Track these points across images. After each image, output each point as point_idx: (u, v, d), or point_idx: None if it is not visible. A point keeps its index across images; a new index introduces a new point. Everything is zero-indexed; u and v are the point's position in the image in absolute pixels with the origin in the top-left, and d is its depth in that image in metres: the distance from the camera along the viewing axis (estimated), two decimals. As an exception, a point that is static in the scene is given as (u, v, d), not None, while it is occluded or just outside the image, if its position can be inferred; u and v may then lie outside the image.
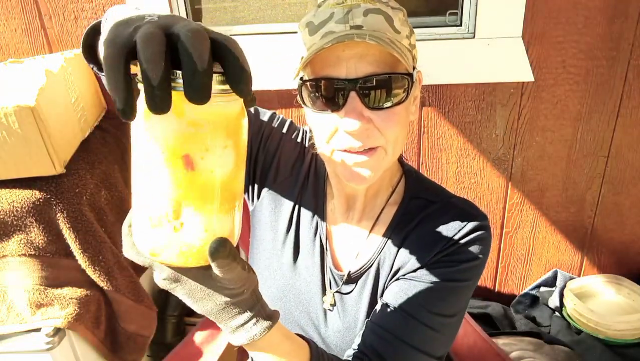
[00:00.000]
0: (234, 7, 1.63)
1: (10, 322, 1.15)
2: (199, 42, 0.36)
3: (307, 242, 0.88)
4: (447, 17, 1.57)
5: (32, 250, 1.16)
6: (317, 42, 0.68)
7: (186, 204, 0.42)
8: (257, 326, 0.56)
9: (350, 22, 0.67)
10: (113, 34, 0.37)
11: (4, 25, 1.54)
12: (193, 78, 0.36)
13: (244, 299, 0.54)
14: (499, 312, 1.81)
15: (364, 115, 0.67)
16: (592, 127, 1.61)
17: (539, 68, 1.52)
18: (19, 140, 1.13)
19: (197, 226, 0.43)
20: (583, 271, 1.86)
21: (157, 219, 0.43)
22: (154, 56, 0.35)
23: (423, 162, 1.68)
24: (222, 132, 0.42)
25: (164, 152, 0.40)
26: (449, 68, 1.51)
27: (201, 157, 0.41)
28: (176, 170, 0.41)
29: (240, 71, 0.39)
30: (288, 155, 0.92)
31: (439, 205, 0.82)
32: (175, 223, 0.43)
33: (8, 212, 1.13)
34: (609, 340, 1.60)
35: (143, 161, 0.42)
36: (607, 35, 1.47)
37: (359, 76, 0.67)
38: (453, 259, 0.77)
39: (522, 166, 1.67)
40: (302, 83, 0.71)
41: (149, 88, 0.35)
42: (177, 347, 1.26)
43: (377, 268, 0.82)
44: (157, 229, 0.43)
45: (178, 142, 0.40)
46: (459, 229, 0.77)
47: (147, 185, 0.42)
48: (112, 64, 0.36)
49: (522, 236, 1.80)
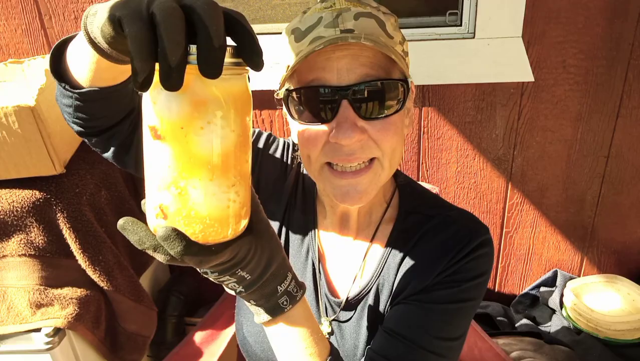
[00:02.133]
0: (233, 7, 1.63)
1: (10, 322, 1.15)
2: (215, 15, 0.36)
3: (298, 266, 0.82)
4: (447, 17, 1.57)
5: (32, 250, 1.16)
6: (305, 48, 0.63)
7: (188, 176, 0.42)
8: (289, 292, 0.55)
9: (340, 25, 0.62)
10: (128, 9, 0.36)
11: (4, 25, 1.54)
12: (209, 54, 0.36)
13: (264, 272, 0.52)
14: (499, 312, 1.81)
15: (357, 125, 0.62)
16: (592, 127, 1.61)
17: (539, 68, 1.52)
18: (19, 140, 1.13)
19: (194, 198, 0.43)
20: (583, 271, 1.86)
21: (161, 187, 0.43)
22: (176, 35, 0.35)
23: (423, 163, 1.68)
24: (229, 105, 0.42)
25: (167, 123, 0.40)
26: (449, 68, 1.51)
27: (203, 128, 0.41)
28: (177, 141, 0.41)
29: (254, 44, 0.39)
30: (268, 173, 0.85)
31: (437, 220, 0.75)
32: (176, 191, 0.42)
33: (8, 212, 1.13)
34: (609, 340, 1.60)
35: (147, 132, 0.42)
36: (607, 35, 1.47)
37: (352, 81, 0.61)
38: (456, 279, 0.71)
39: (522, 166, 1.67)
40: (288, 93, 0.65)
41: (167, 68, 0.35)
42: (177, 347, 1.26)
43: (376, 292, 0.76)
44: (165, 193, 0.43)
45: (182, 113, 0.40)
46: (461, 247, 0.71)
47: (154, 155, 0.42)
48: (140, 40, 0.35)
49: (522, 236, 1.80)
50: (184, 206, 0.43)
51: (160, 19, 0.35)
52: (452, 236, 0.73)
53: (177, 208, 0.43)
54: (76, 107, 0.60)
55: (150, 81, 0.36)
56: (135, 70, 0.35)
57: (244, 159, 0.45)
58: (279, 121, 1.62)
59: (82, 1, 1.49)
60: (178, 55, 0.35)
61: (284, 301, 0.56)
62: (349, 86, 0.61)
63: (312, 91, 0.63)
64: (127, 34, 0.35)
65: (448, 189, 1.72)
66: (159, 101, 0.40)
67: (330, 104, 0.62)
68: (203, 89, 0.40)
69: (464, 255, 0.71)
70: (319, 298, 0.80)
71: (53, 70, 0.58)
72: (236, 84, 0.42)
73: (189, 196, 0.42)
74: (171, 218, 0.43)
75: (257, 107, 1.60)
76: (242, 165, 0.45)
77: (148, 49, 0.35)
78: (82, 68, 0.55)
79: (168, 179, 0.42)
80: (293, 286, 0.56)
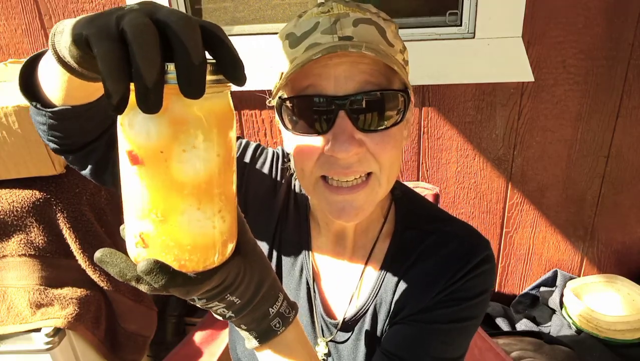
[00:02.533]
0: (234, 7, 1.63)
1: (10, 322, 1.15)
2: (191, 30, 0.33)
3: (292, 285, 0.78)
4: (447, 17, 1.57)
5: (32, 250, 1.16)
6: (300, 55, 0.58)
7: (170, 203, 0.39)
8: (281, 316, 0.52)
9: (338, 32, 0.58)
10: (95, 27, 0.33)
11: (4, 25, 1.53)
12: (189, 72, 0.33)
13: (253, 293, 0.49)
14: (499, 312, 1.81)
15: (355, 137, 0.58)
16: (592, 127, 1.61)
17: (539, 68, 1.52)
18: (19, 140, 1.13)
19: (178, 226, 0.40)
20: (583, 271, 1.86)
21: (141, 215, 0.40)
22: (150, 53, 0.32)
23: (423, 163, 1.68)
24: (212, 126, 0.39)
25: (146, 148, 0.37)
26: (449, 68, 1.51)
27: (185, 152, 0.38)
28: (157, 167, 0.38)
29: (235, 59, 0.36)
30: (256, 189, 0.80)
31: (436, 237, 0.72)
32: (157, 218, 0.39)
33: (8, 212, 1.13)
34: (609, 339, 1.60)
35: (124, 158, 0.39)
36: (607, 35, 1.47)
37: (350, 91, 0.57)
38: (456, 298, 0.68)
39: (522, 166, 1.67)
40: (282, 102, 0.61)
41: (143, 89, 0.32)
42: (177, 347, 1.26)
43: (373, 312, 0.73)
44: (144, 221, 0.40)
45: (162, 137, 0.37)
46: (461, 266, 0.68)
47: (132, 181, 0.39)
48: (111, 59, 0.32)
49: (522, 236, 1.80)
50: (167, 235, 0.40)
51: (132, 37, 0.32)
52: (451, 253, 0.70)
53: (159, 237, 0.40)
54: (50, 125, 0.58)
55: (125, 102, 0.33)
56: (109, 92, 0.32)
57: (229, 181, 0.43)
58: (279, 121, 1.62)
59: (82, 1, 1.49)
60: (154, 75, 0.32)
61: (277, 323, 0.53)
62: (346, 96, 0.57)
63: (307, 100, 0.58)
64: (95, 54, 0.32)
65: (448, 189, 1.72)
66: (136, 123, 0.37)
67: (326, 115, 0.58)
68: (184, 109, 0.37)
69: (464, 274, 0.68)
70: (315, 318, 0.76)
71: (23, 88, 0.55)
72: (218, 102, 0.40)
73: (171, 224, 0.39)
74: (153, 247, 0.40)
75: (257, 107, 1.61)
76: (227, 187, 0.42)
77: (120, 70, 0.32)
78: (54, 86, 0.52)
79: (148, 207, 0.39)
80: (285, 307, 0.53)
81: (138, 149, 0.37)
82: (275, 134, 1.65)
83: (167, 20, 0.33)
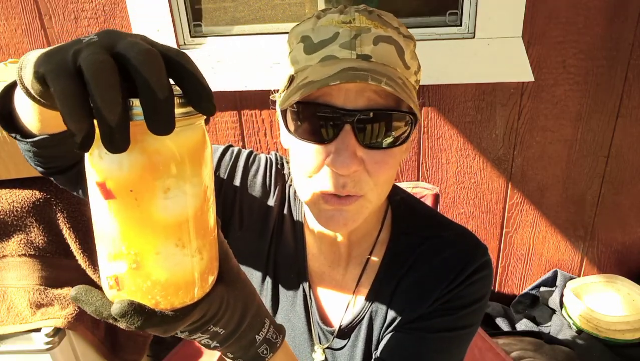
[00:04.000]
0: (234, 7, 1.63)
1: (10, 322, 1.15)
2: (154, 64, 0.32)
3: (288, 292, 0.77)
4: (447, 17, 1.57)
5: (32, 250, 1.16)
6: (315, 65, 0.58)
7: (144, 242, 0.37)
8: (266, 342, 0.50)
9: (357, 49, 0.57)
10: (52, 64, 0.31)
11: (4, 25, 1.54)
12: (155, 109, 0.31)
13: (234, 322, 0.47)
14: (499, 312, 1.81)
15: (357, 155, 0.57)
16: (592, 127, 1.61)
17: (539, 68, 1.52)
18: (19, 140, 1.13)
19: (154, 266, 0.38)
20: (583, 271, 1.86)
21: (113, 255, 0.38)
22: (110, 91, 0.30)
23: (423, 163, 1.68)
24: (185, 161, 0.37)
25: (116, 183, 0.35)
26: (449, 68, 1.51)
27: (163, 191, 0.36)
28: (129, 205, 0.36)
29: (202, 88, 0.34)
30: (250, 196, 0.79)
31: (432, 242, 0.71)
32: (131, 258, 0.37)
33: (8, 212, 1.13)
34: (609, 339, 1.61)
35: (96, 197, 0.37)
36: (607, 35, 1.47)
37: (359, 106, 0.56)
38: (453, 306, 0.67)
39: (522, 166, 1.67)
40: (288, 105, 0.60)
41: (107, 129, 0.31)
42: (177, 347, 1.26)
43: (369, 319, 0.72)
44: (117, 262, 0.38)
45: (132, 174, 0.35)
46: (457, 273, 0.68)
47: (103, 219, 0.37)
48: (68, 98, 0.30)
49: (522, 236, 1.80)
50: (142, 276, 0.38)
51: (90, 75, 0.30)
52: (447, 260, 0.69)
53: (133, 279, 0.38)
54: (33, 152, 0.58)
55: (90, 140, 0.32)
56: (71, 131, 0.31)
57: (207, 215, 0.41)
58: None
59: (82, 1, 1.49)
60: (116, 115, 0.30)
61: (264, 350, 0.51)
62: (355, 111, 0.56)
63: (315, 109, 0.57)
64: (52, 93, 0.31)
65: (448, 189, 1.72)
66: (105, 159, 0.35)
67: (332, 126, 0.57)
68: (154, 145, 0.35)
69: (461, 281, 0.67)
70: (311, 325, 0.76)
71: (2, 120, 0.53)
72: (191, 134, 0.37)
73: (146, 265, 0.37)
74: (128, 289, 0.38)
75: (257, 107, 1.61)
76: (205, 222, 0.40)
77: (79, 109, 0.30)
78: (30, 117, 0.51)
79: (121, 247, 0.37)
80: (272, 332, 0.52)
81: (110, 181, 0.35)
82: (275, 135, 1.65)
83: (127, 55, 0.31)
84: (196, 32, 1.62)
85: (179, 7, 1.55)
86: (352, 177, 0.59)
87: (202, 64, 1.55)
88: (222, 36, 1.61)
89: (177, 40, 1.56)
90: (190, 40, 1.60)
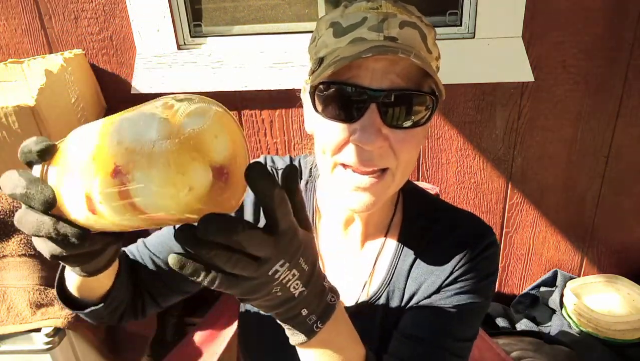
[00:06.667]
0: (234, 7, 1.63)
1: (10, 322, 1.15)
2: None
3: None
4: (447, 17, 1.57)
5: (32, 250, 1.16)
6: (345, 47, 0.61)
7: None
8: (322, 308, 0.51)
9: (385, 31, 0.60)
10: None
11: (4, 25, 1.53)
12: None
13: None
14: (499, 312, 1.81)
15: (381, 131, 0.60)
16: (592, 127, 1.61)
17: (539, 68, 1.52)
18: (19, 140, 1.12)
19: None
20: (583, 271, 1.86)
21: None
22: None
23: (423, 162, 1.68)
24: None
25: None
26: (449, 68, 1.51)
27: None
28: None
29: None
30: (248, 202, 0.82)
31: (444, 223, 0.76)
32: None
33: (8, 212, 1.13)
34: (609, 339, 1.61)
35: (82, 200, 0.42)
36: (607, 35, 1.47)
37: (384, 86, 0.59)
38: (468, 278, 0.72)
39: (522, 166, 1.67)
40: (316, 86, 0.63)
41: None
42: (177, 347, 1.26)
43: (386, 298, 0.76)
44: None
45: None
46: (472, 248, 0.72)
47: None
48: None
49: (522, 236, 1.80)
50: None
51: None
52: (461, 237, 0.74)
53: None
54: (86, 314, 0.71)
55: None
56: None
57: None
58: (279, 120, 1.62)
59: (82, 1, 1.49)
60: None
61: (331, 298, 0.52)
62: (380, 90, 0.59)
63: (343, 88, 0.60)
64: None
65: (448, 189, 1.72)
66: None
67: (358, 105, 0.60)
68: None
69: (475, 255, 0.72)
70: None
71: (64, 301, 0.68)
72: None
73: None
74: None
75: (257, 107, 1.61)
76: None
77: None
78: (76, 291, 0.66)
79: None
80: (329, 282, 0.54)
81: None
82: (275, 135, 1.65)
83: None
84: (196, 32, 1.62)
85: (179, 7, 1.55)
86: (378, 152, 0.62)
87: (202, 64, 1.55)
88: (222, 36, 1.61)
89: (177, 40, 1.56)
90: (190, 40, 1.61)
